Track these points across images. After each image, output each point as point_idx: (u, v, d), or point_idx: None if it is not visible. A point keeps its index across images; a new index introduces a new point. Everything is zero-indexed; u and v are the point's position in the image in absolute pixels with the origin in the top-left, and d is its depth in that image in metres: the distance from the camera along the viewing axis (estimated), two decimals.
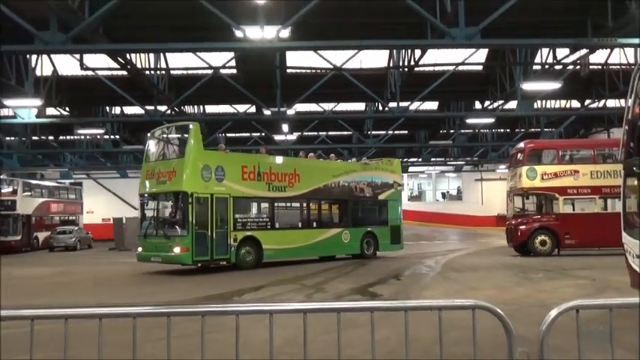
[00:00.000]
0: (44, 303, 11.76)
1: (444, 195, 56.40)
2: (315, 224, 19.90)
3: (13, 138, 33.30)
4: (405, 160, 46.31)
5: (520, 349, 3.23)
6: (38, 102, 21.85)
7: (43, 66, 23.30)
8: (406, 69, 23.42)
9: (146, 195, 17.66)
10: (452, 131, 35.69)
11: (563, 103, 31.04)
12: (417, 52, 21.40)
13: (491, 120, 30.04)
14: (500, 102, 27.09)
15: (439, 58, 23.62)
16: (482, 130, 37.01)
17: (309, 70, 24.08)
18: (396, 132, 34.72)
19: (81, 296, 12.88)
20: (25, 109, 23.32)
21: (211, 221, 16.34)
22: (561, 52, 21.89)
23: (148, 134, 18.87)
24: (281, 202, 18.98)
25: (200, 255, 16.11)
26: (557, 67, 22.58)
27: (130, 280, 15.51)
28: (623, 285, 9.80)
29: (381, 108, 27.47)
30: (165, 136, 18.17)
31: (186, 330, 5.51)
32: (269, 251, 17.88)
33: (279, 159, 21.56)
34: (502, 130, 38.20)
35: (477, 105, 30.85)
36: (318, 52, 20.69)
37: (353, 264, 18.93)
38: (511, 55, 23.53)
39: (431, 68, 24.04)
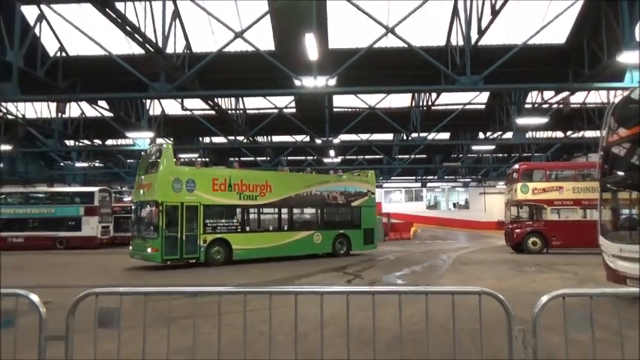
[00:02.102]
0: (157, 283, 12.10)
1: (454, 205, 55.30)
2: (286, 227, 17.92)
3: (132, 160, 34.51)
4: (424, 177, 45.83)
5: (517, 327, 3.14)
6: (151, 134, 22.64)
7: (155, 107, 24.17)
8: (425, 107, 23.21)
9: (135, 203, 16.73)
10: (461, 155, 35.10)
11: (549, 133, 30.12)
12: (434, 95, 21.22)
13: (492, 147, 29.42)
14: (499, 133, 26.51)
15: (450, 99, 23.35)
16: (484, 155, 36.25)
17: (350, 109, 24.17)
18: (417, 156, 34.33)
19: (183, 278, 13.16)
20: (141, 139, 24.14)
21: (181, 225, 15.17)
22: (548, 94, 21.34)
23: (142, 153, 17.76)
24: (251, 209, 17.11)
25: (169, 254, 14.95)
26: (545, 105, 21.98)
27: (217, 268, 15.62)
28: (601, 278, 9.41)
29: (405, 137, 27.23)
30: (148, 155, 16.84)
31: (257, 305, 5.54)
32: (239, 251, 16.35)
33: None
34: (500, 155, 37.31)
35: (481, 135, 30.26)
36: (358, 95, 20.80)
37: (383, 257, 18.72)
38: (507, 97, 23.06)
39: (444, 107, 23.75)
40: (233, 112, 23.29)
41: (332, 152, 29.24)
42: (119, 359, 3.29)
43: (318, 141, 24.95)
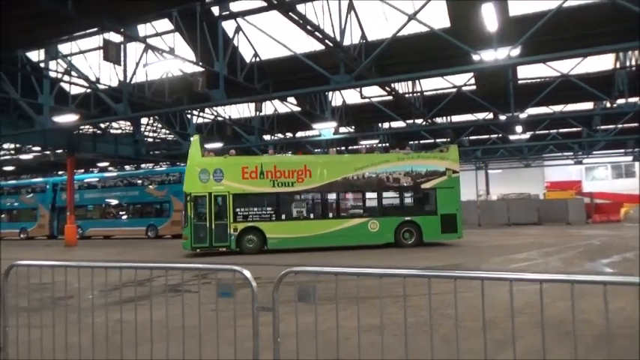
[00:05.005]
0: (348, 263, 12.85)
1: None
2: (331, 215, 16.60)
3: (319, 150, 36.90)
4: (636, 149, 38.98)
5: None
6: (334, 124, 23.89)
7: (336, 98, 25.44)
8: (634, 68, 19.66)
9: None
10: None
11: None
12: None
13: None
14: None
15: None
16: None
17: (538, 79, 21.89)
18: (625, 125, 29.28)
19: (364, 259, 13.73)
20: (326, 129, 25.63)
21: (210, 215, 15.44)
22: None
23: None
24: (287, 196, 16.32)
25: (198, 243, 15.37)
26: None
27: (395, 250, 15.87)
28: None
29: (609, 105, 23.52)
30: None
31: (442, 289, 5.49)
32: (273, 240, 15.87)
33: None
34: None
35: None
36: (547, 63, 18.61)
37: (587, 242, 16.61)
38: None
39: None
40: (410, 95, 23.15)
41: (519, 128, 26.87)
42: (317, 330, 3.62)
43: (502, 117, 23.22)
